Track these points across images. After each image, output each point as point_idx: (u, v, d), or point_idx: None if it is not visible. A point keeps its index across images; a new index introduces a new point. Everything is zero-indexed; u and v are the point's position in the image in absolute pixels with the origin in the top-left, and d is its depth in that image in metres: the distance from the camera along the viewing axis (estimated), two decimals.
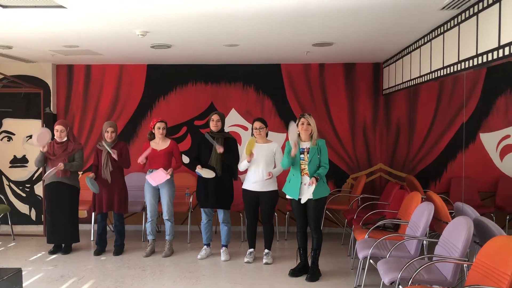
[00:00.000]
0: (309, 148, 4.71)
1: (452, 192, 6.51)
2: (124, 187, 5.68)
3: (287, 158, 4.70)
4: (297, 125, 4.75)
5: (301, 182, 4.71)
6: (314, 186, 4.55)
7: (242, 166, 5.24)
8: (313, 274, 4.79)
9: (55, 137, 5.59)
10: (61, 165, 5.41)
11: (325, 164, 4.70)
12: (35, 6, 3.82)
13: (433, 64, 4.63)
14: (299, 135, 4.77)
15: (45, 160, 5.55)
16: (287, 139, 6.79)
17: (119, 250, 5.70)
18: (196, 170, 5.26)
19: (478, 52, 3.59)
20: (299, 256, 4.99)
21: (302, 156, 4.73)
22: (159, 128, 5.56)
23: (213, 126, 5.36)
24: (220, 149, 5.21)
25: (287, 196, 4.87)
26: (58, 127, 5.55)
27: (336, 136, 6.82)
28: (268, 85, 6.89)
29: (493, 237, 3.26)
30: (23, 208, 7.03)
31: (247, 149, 5.03)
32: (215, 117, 5.38)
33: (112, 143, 5.57)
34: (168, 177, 5.44)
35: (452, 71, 4.14)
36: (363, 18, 4.20)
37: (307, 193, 4.62)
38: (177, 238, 6.16)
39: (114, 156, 5.43)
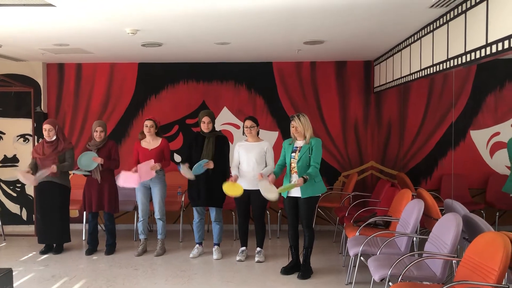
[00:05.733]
0: (301, 146, 4.71)
1: (443, 189, 6.55)
2: (114, 187, 5.65)
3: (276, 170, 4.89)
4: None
5: (290, 181, 4.73)
6: (296, 183, 4.54)
7: (233, 171, 5.28)
8: (305, 271, 4.80)
9: (44, 137, 5.56)
10: (54, 167, 5.37)
11: (315, 163, 4.63)
12: (24, 5, 3.79)
13: (423, 62, 4.66)
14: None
15: (35, 162, 5.54)
16: (279, 137, 6.85)
17: (110, 249, 5.68)
18: (180, 167, 5.25)
19: (467, 50, 3.62)
20: (291, 254, 5.00)
21: (293, 154, 4.74)
22: (146, 126, 5.53)
23: (205, 128, 5.32)
24: (209, 164, 5.20)
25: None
26: (46, 126, 5.52)
27: (328, 134, 6.84)
28: (259, 83, 6.89)
29: (482, 233, 3.29)
30: (14, 208, 6.99)
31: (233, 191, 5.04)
32: (205, 119, 5.32)
33: (101, 142, 5.55)
34: (153, 174, 5.40)
35: (441, 68, 4.17)
36: (354, 16, 4.21)
37: (293, 190, 4.69)
38: (169, 237, 6.16)
39: (100, 161, 5.43)
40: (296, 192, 4.71)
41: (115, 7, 3.88)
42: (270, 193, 4.60)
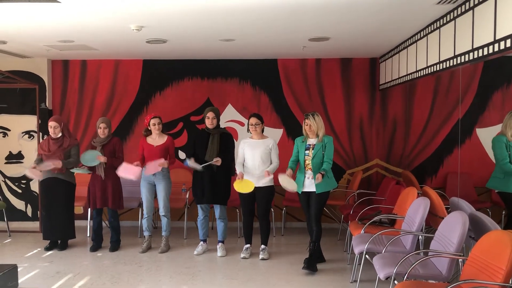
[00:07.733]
0: (314, 144, 4.90)
1: (448, 187, 6.51)
2: (118, 183, 5.65)
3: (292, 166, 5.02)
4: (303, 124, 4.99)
5: (305, 176, 4.89)
6: (317, 181, 4.69)
7: (237, 169, 5.28)
8: (310, 264, 4.81)
9: (50, 134, 5.57)
10: (59, 163, 5.38)
11: (328, 159, 4.87)
12: (29, 1, 3.78)
13: (429, 59, 4.62)
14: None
15: (41, 159, 5.56)
16: (283, 135, 6.83)
17: (115, 246, 5.69)
18: (187, 161, 5.26)
19: (474, 47, 3.58)
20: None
21: (307, 152, 4.92)
22: (154, 124, 5.54)
23: (209, 124, 5.33)
24: (217, 162, 5.20)
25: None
26: (51, 123, 5.53)
27: (333, 131, 6.81)
28: (264, 81, 6.87)
29: (488, 231, 3.26)
30: (19, 204, 7.01)
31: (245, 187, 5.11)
32: (210, 114, 5.34)
33: (105, 139, 5.55)
34: (159, 169, 5.42)
35: (448, 65, 4.13)
36: (359, 12, 4.18)
37: (308, 185, 4.88)
38: (174, 234, 6.15)
39: (103, 160, 5.43)
40: (310, 187, 4.86)
41: (120, 4, 3.86)
42: (291, 185, 4.81)
